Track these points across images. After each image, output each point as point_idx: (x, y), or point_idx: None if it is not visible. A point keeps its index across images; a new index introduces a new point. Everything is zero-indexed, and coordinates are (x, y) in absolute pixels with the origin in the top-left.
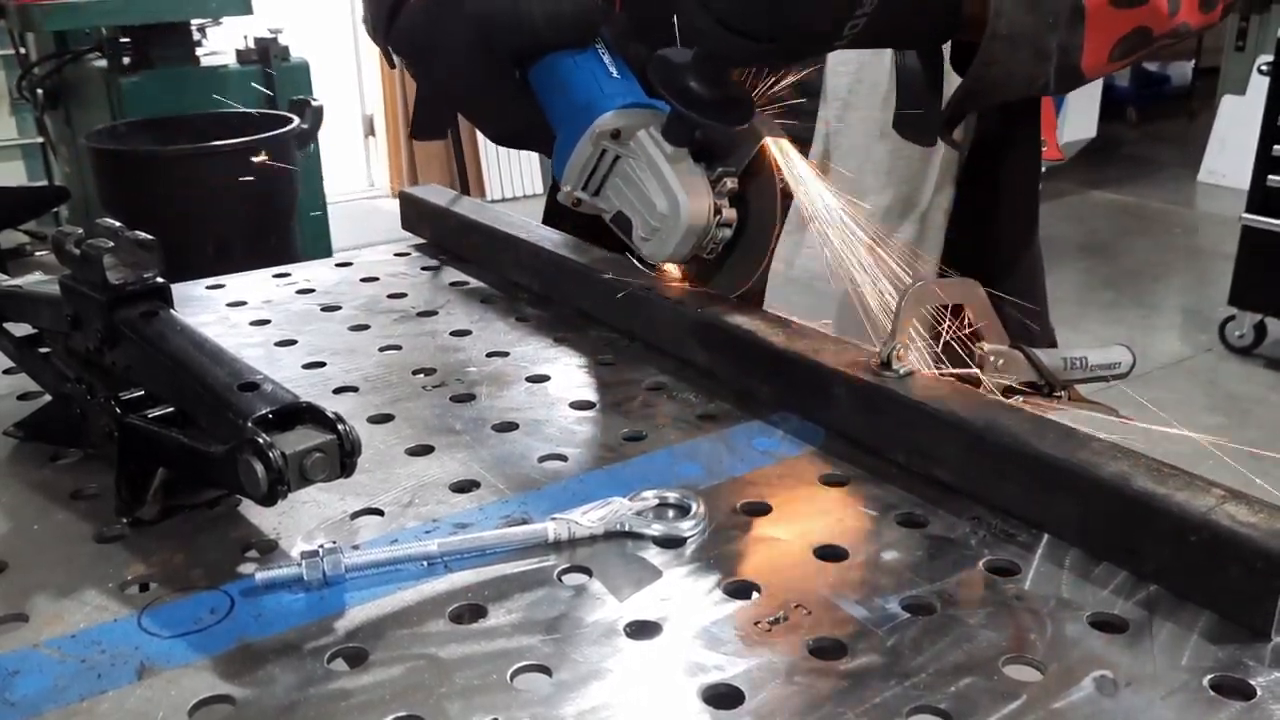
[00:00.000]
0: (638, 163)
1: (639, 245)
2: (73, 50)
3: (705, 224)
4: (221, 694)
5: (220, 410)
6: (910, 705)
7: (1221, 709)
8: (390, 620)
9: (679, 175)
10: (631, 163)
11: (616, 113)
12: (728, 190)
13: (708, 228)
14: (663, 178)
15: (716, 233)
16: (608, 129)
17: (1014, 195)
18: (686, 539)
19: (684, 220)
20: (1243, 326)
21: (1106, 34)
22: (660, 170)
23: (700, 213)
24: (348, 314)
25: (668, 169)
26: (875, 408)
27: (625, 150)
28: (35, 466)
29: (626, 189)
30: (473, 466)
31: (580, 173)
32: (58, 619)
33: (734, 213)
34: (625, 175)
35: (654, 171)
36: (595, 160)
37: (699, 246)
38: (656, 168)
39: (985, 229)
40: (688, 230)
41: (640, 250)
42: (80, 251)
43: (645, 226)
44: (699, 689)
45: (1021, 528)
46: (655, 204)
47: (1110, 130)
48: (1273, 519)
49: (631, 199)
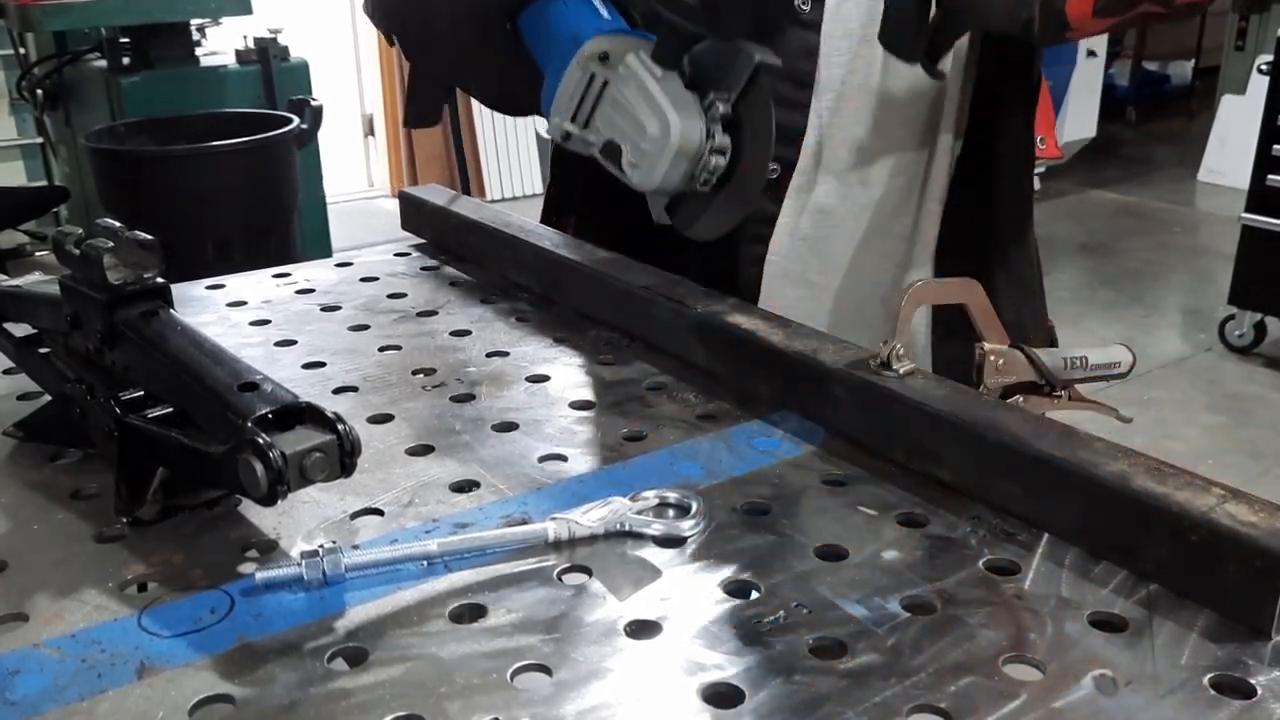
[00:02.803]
0: (626, 86)
1: (628, 172)
2: (72, 50)
3: (697, 146)
4: (221, 693)
5: (220, 410)
6: (910, 704)
7: (1221, 708)
8: (390, 620)
9: (669, 96)
10: (620, 87)
11: (604, 36)
12: (720, 114)
13: (700, 151)
14: (652, 99)
15: (709, 160)
16: (596, 51)
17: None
18: (686, 538)
19: (674, 140)
20: (1242, 326)
21: None
22: (649, 92)
23: (692, 134)
24: (347, 314)
25: (657, 90)
26: (875, 407)
27: (614, 75)
28: (35, 466)
29: (616, 115)
30: (472, 466)
31: (569, 100)
32: (58, 618)
33: (727, 139)
34: (614, 101)
35: (643, 94)
36: (584, 86)
37: (691, 175)
38: (646, 89)
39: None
40: (678, 152)
41: (630, 178)
42: (80, 251)
43: (635, 151)
44: (699, 688)
45: (1021, 527)
46: (645, 126)
47: (1110, 129)
48: (1273, 518)
49: (620, 125)
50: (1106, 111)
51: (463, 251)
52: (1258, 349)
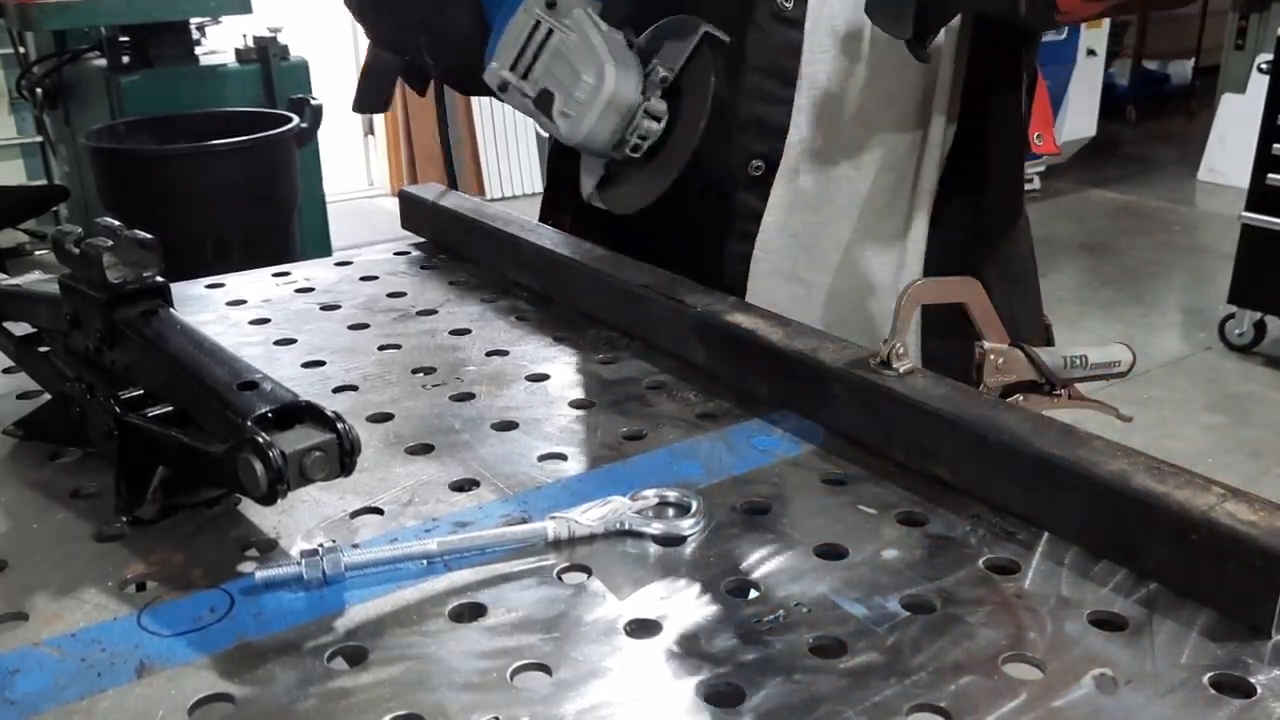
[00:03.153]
0: (569, 36)
1: (557, 122)
2: (72, 49)
3: (630, 103)
4: (221, 692)
5: (220, 409)
6: (910, 703)
7: (1221, 707)
8: (390, 619)
9: (610, 49)
10: (564, 38)
11: None
12: (659, 78)
13: (633, 109)
14: (592, 50)
15: (642, 122)
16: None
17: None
18: (686, 538)
19: (607, 91)
20: (1242, 325)
21: None
22: (591, 43)
23: (626, 87)
24: (347, 313)
25: (599, 41)
26: (875, 406)
27: (559, 24)
28: (35, 465)
29: (554, 65)
30: (472, 465)
31: (511, 47)
32: (58, 618)
33: (664, 105)
34: (555, 51)
35: (585, 44)
36: (528, 33)
37: (622, 136)
38: (588, 39)
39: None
40: (609, 103)
41: (558, 128)
42: (80, 250)
43: (567, 100)
44: (699, 687)
45: (1021, 526)
46: (580, 74)
47: (1110, 129)
48: (1272, 517)
49: (558, 74)
50: (1106, 110)
51: (462, 250)
52: (1258, 348)
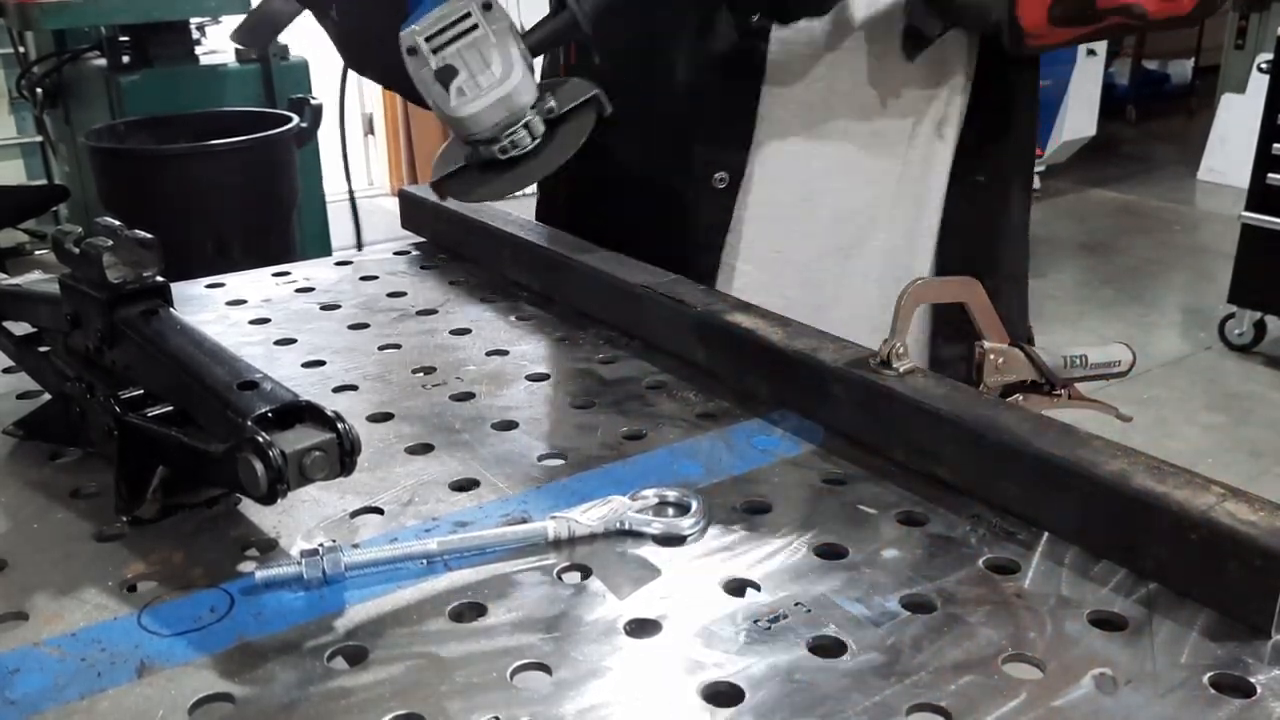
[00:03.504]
0: (490, 38)
1: (451, 97)
2: (72, 49)
3: (521, 106)
4: (221, 692)
5: (220, 409)
6: (910, 703)
7: (1221, 706)
8: (390, 619)
9: (523, 59)
10: (485, 36)
11: None
12: (547, 107)
13: (520, 113)
14: (508, 53)
15: (518, 131)
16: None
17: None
18: (686, 537)
19: (509, 85)
20: (1242, 324)
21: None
22: (509, 49)
23: (525, 91)
24: (347, 313)
25: (516, 51)
26: (875, 406)
27: (486, 25)
28: (35, 465)
29: (467, 53)
30: (472, 465)
31: (436, 22)
32: (58, 617)
33: (543, 126)
34: (474, 42)
35: (503, 47)
36: (456, 19)
37: (497, 134)
38: (507, 45)
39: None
40: (506, 97)
41: (447, 101)
42: (80, 250)
43: (469, 81)
44: (699, 687)
45: (1021, 526)
46: (490, 65)
47: (1110, 128)
48: (1272, 517)
49: (468, 60)
50: (1106, 110)
51: (462, 250)
52: (1257, 348)
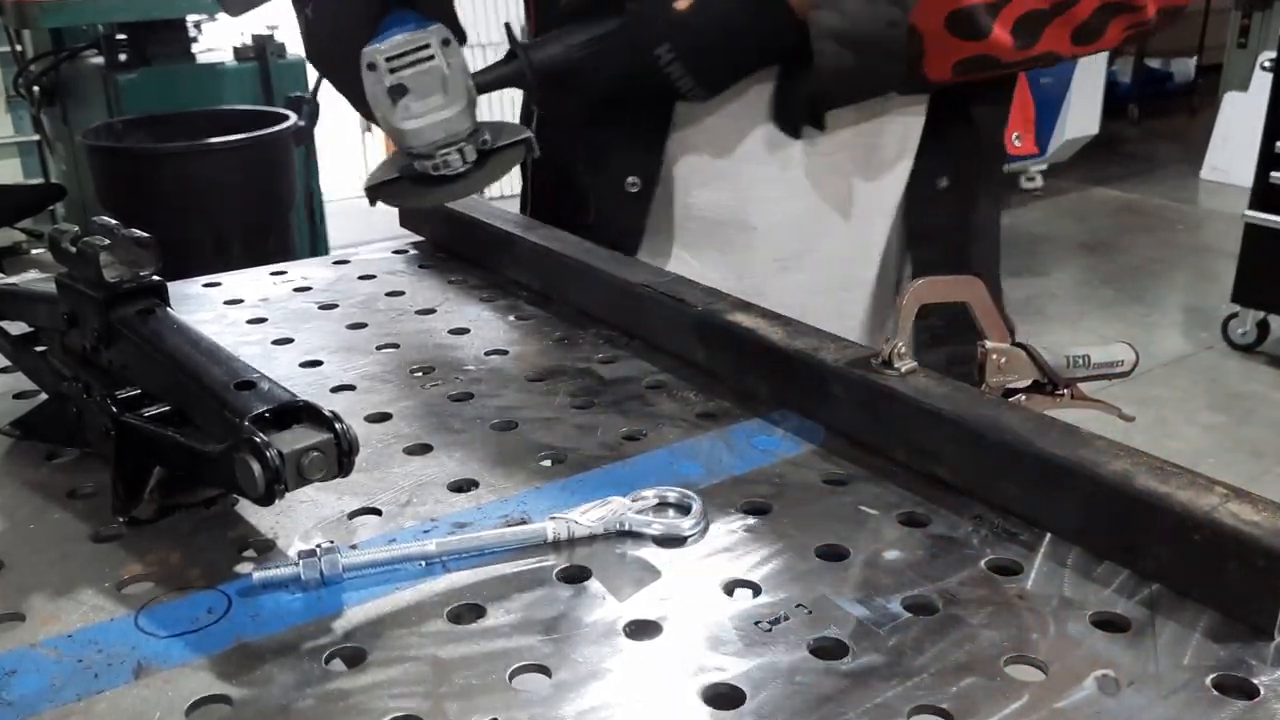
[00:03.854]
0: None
1: (399, 112)
2: (69, 47)
3: (461, 130)
4: (219, 694)
5: (217, 409)
6: (912, 705)
7: (1224, 708)
8: (388, 620)
9: (467, 93)
10: (441, 67)
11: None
12: (482, 139)
13: (458, 137)
14: (456, 84)
15: (451, 154)
16: (444, 35)
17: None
18: (686, 538)
19: (454, 109)
20: (1245, 324)
21: (945, 55)
22: (458, 80)
23: (463, 120)
24: (345, 312)
25: (464, 84)
26: (876, 406)
27: (442, 59)
28: (31, 465)
29: (420, 78)
30: (471, 465)
31: (398, 46)
32: (54, 618)
33: (475, 155)
34: (429, 71)
35: (453, 78)
36: (417, 48)
37: (432, 153)
38: (457, 76)
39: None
40: (450, 119)
41: (395, 115)
42: (77, 249)
43: (418, 100)
44: (699, 689)
45: (1023, 526)
46: (440, 90)
47: (1112, 127)
48: (1275, 517)
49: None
50: (1109, 109)
51: (461, 249)
52: (1260, 347)
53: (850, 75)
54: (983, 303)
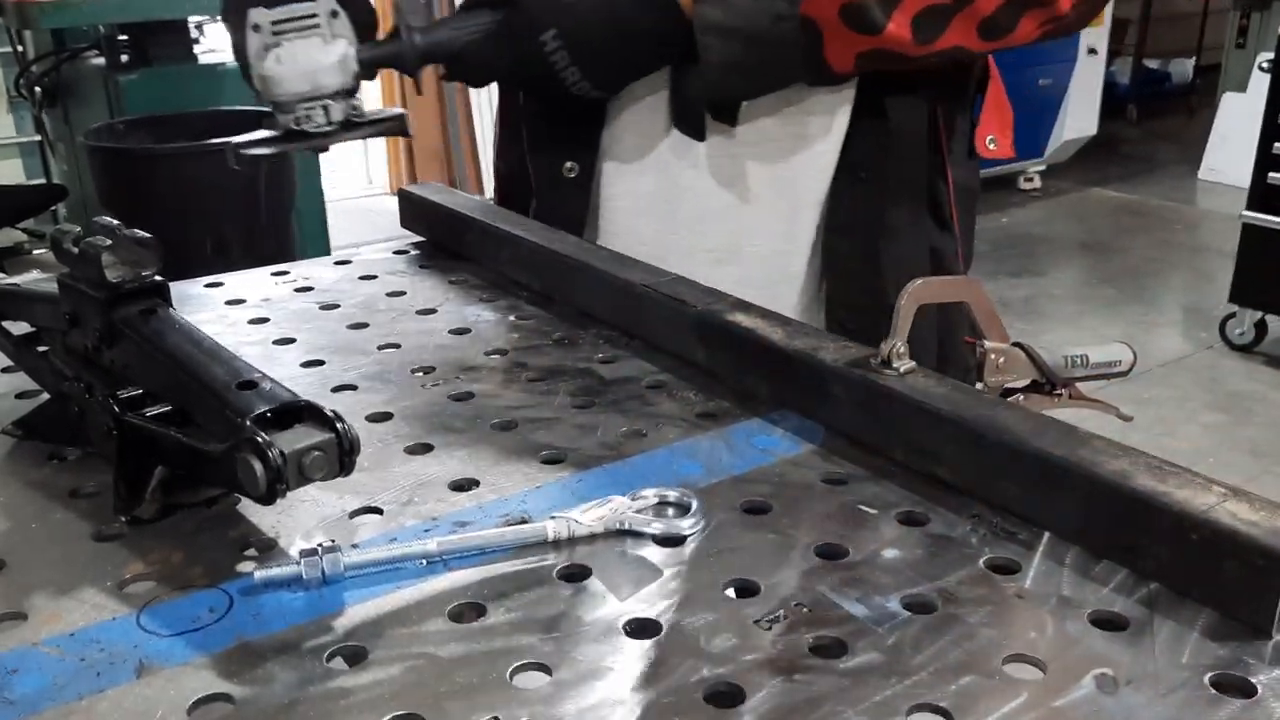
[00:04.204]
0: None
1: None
2: (70, 48)
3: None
4: (220, 692)
5: (219, 409)
6: (911, 704)
7: (1222, 706)
8: (389, 619)
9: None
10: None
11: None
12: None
13: (323, 91)
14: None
15: (314, 109)
16: (334, 7)
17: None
18: (686, 537)
19: (318, 65)
20: (1243, 324)
21: (845, 47)
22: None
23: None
24: (346, 312)
25: (343, 51)
26: (875, 406)
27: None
28: (34, 465)
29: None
30: (472, 465)
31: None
32: (56, 617)
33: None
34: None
35: (333, 45)
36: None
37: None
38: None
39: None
40: (312, 73)
41: (265, 61)
42: (78, 250)
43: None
44: (699, 687)
45: (1022, 526)
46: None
47: (1111, 127)
48: (1273, 516)
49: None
50: (1107, 109)
51: (462, 249)
52: (1258, 347)
53: (742, 69)
54: (981, 302)
